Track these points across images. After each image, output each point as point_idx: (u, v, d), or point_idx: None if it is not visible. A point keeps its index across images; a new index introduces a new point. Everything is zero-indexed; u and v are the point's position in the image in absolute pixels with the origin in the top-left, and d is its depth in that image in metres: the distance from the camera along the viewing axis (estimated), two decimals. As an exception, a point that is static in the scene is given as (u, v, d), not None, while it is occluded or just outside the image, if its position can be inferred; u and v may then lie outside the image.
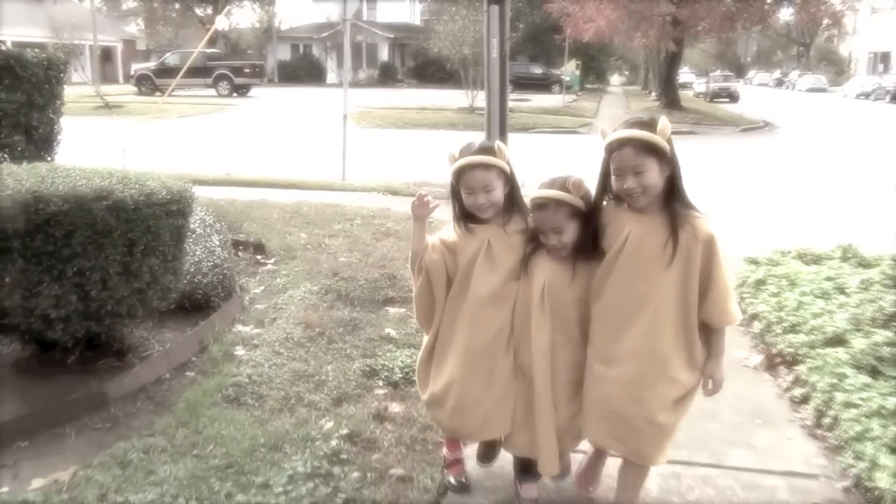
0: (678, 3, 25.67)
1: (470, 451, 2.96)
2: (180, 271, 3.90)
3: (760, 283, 5.04)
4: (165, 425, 3.20)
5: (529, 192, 2.49)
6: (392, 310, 4.82)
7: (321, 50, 55.39)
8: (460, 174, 2.50)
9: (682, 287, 2.30)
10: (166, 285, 3.71)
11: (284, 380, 3.67)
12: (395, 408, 3.45)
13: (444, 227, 2.72)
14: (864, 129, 23.64)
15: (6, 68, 4.81)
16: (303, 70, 53.86)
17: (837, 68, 70.39)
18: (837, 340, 3.79)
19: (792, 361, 3.85)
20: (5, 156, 4.91)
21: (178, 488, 2.70)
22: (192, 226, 4.76)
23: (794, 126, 25.49)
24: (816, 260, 5.79)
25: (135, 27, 59.67)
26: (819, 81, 60.43)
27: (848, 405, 3.18)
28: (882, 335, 3.71)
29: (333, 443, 3.04)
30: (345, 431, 3.14)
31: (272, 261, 5.97)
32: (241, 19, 61.69)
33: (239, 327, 4.52)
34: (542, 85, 39.81)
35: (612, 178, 2.32)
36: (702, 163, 12.93)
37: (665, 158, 2.27)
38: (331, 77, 53.32)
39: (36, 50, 5.18)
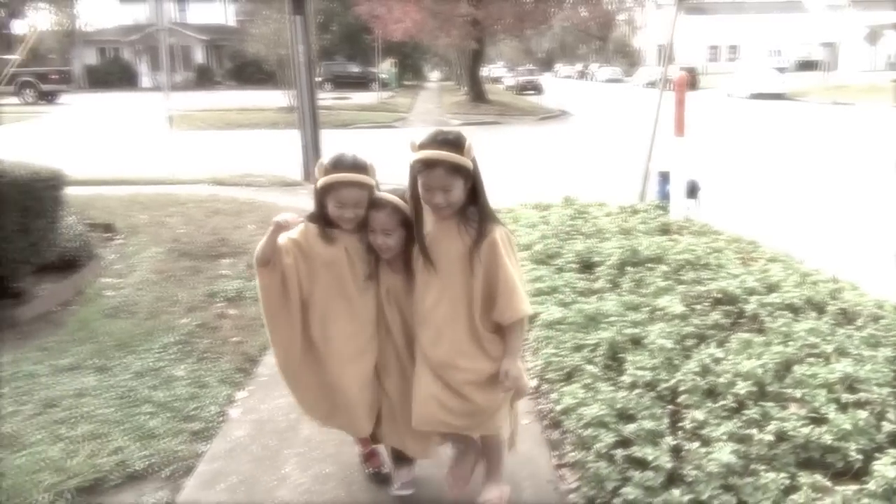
0: (476, 4, 28.27)
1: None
2: (59, 232, 5.23)
3: (496, 222, 7.01)
4: (66, 330, 4.60)
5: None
6: (224, 260, 6.31)
7: (132, 53, 53.88)
8: (332, 187, 2.56)
9: (469, 285, 2.49)
10: (51, 240, 5.05)
11: (148, 302, 5.13)
12: (232, 311, 5.00)
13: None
14: (642, 113, 27.31)
15: None
16: (113, 74, 52.27)
17: (631, 60, 77.12)
18: (527, 247, 5.76)
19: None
20: None
21: (87, 356, 4.15)
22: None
23: (586, 113, 28.92)
24: (546, 207, 7.83)
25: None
26: (615, 73, 66.60)
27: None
28: (549, 242, 5.74)
29: (189, 328, 4.58)
30: (196, 323, 4.69)
31: (121, 237, 7.24)
32: (38, 22, 58.46)
33: (103, 279, 5.85)
34: (361, 83, 41.44)
35: (421, 190, 2.46)
36: (501, 148, 15.22)
37: (469, 175, 2.46)
38: (145, 81, 52.20)
39: None
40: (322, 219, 2.64)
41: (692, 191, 6.85)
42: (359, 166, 2.59)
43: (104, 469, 3.03)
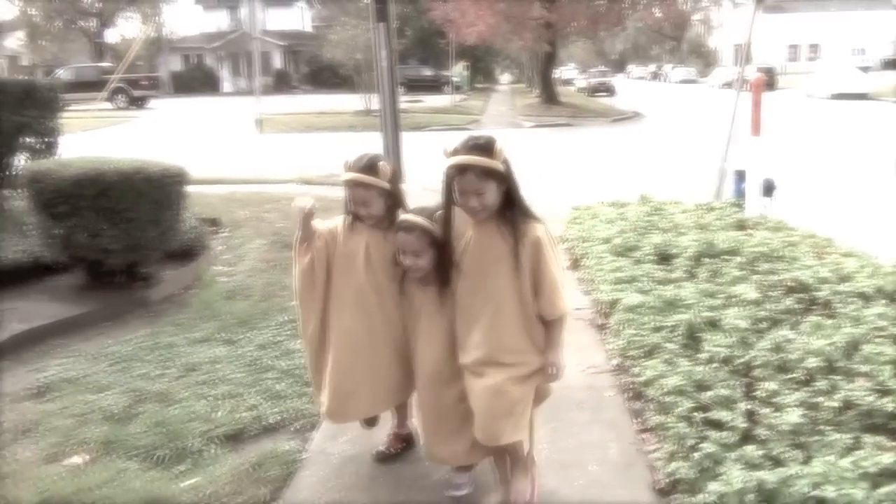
0: (549, 7, 28.51)
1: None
2: (182, 222, 5.83)
3: (575, 217, 7.36)
4: (193, 310, 5.18)
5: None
6: (322, 251, 6.83)
7: (214, 59, 55.95)
8: (347, 185, 2.81)
9: (517, 284, 2.57)
10: (176, 231, 5.66)
11: (260, 286, 5.69)
12: (334, 296, 5.50)
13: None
14: (717, 114, 27.03)
15: (30, 93, 6.59)
16: (197, 80, 54.32)
17: (706, 60, 75.66)
18: (606, 241, 6.09)
19: (582, 258, 6.11)
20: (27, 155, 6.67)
21: (215, 331, 4.71)
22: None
23: (660, 114, 28.76)
24: (623, 205, 8.11)
25: (15, 42, 58.22)
26: (690, 73, 65.55)
27: (602, 270, 5.43)
28: (627, 236, 6.06)
29: (300, 309, 5.09)
30: (306, 305, 5.19)
31: (226, 230, 7.88)
32: (128, 31, 61.45)
33: (216, 267, 6.45)
34: (433, 86, 41.92)
35: (456, 195, 2.56)
36: (575, 149, 15.46)
37: (502, 178, 2.54)
38: (226, 86, 54.18)
39: (57, 77, 6.91)
40: (350, 211, 2.87)
41: (768, 189, 7.04)
42: (368, 168, 2.76)
43: (244, 421, 3.53)
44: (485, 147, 2.50)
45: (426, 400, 2.85)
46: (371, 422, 3.19)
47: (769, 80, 48.97)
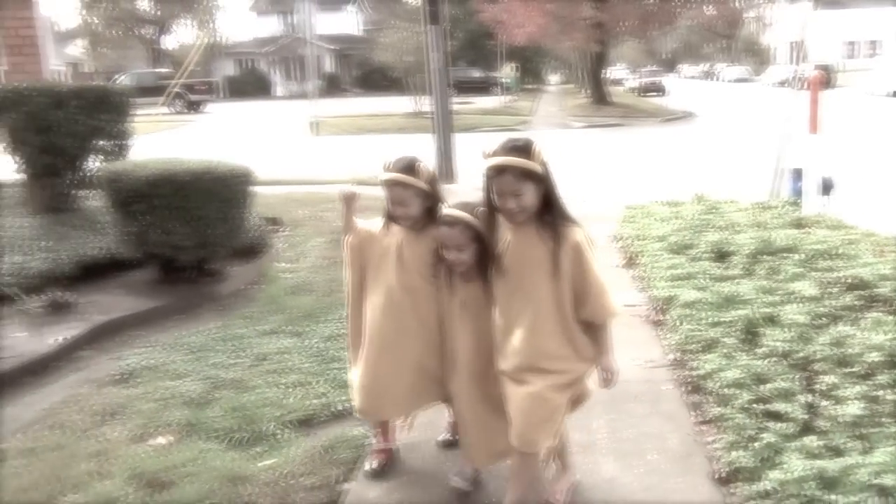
0: (599, 7, 28.39)
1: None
2: (248, 221, 6.07)
3: (630, 217, 7.41)
4: (260, 304, 5.40)
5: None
6: (380, 249, 7.01)
7: (266, 64, 56.98)
8: (385, 185, 2.84)
9: (556, 289, 2.56)
10: (243, 228, 5.90)
11: (322, 282, 5.89)
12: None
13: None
14: (771, 113, 26.54)
15: (103, 98, 6.93)
16: (250, 84, 55.36)
17: (760, 58, 74.21)
18: (661, 239, 6.13)
19: (637, 256, 6.16)
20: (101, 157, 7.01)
21: (281, 323, 4.91)
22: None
23: (713, 114, 28.39)
24: (677, 204, 8.12)
25: (77, 49, 60.15)
26: (743, 72, 64.50)
27: (658, 267, 5.49)
28: (683, 234, 6.09)
29: (362, 304, 5.27)
30: (367, 300, 5.36)
31: (287, 229, 8.13)
32: (184, 37, 63.04)
33: (278, 264, 6.68)
34: (482, 88, 41.98)
35: (495, 196, 2.56)
36: (626, 149, 15.43)
37: (540, 180, 2.54)
38: (279, 90, 55.15)
39: (118, 83, 7.24)
40: (387, 211, 2.94)
41: (826, 188, 6.98)
42: (407, 168, 2.81)
43: (313, 408, 3.71)
44: (523, 148, 2.51)
45: (474, 397, 2.82)
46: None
47: (826, 78, 47.67)
